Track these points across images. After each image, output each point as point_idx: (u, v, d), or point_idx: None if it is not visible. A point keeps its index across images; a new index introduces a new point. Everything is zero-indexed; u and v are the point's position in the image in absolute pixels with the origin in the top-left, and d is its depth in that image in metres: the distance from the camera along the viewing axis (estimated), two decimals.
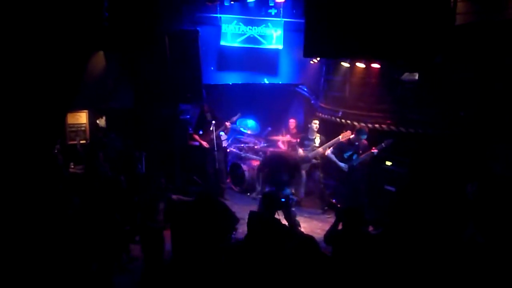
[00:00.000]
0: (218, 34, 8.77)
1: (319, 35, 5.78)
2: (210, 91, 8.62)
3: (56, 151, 6.20)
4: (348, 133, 6.81)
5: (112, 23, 6.04)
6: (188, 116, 8.46)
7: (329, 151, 6.97)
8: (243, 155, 9.09)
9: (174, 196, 5.22)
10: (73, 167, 6.87)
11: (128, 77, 7.62)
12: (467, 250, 4.29)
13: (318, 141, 7.36)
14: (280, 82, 9.56)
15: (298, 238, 3.76)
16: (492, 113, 5.69)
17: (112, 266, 5.08)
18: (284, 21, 8.87)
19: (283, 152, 8.16)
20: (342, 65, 7.78)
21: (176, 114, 7.95)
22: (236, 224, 4.78)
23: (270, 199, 4.54)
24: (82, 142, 7.39)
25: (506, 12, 5.49)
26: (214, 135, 7.62)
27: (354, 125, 6.98)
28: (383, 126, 6.84)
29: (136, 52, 7.21)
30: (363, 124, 6.81)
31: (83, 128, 7.59)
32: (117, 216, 5.14)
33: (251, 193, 8.56)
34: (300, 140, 7.68)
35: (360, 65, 7.19)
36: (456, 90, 6.05)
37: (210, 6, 8.37)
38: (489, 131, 5.62)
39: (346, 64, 7.64)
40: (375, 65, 6.88)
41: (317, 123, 7.46)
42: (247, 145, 9.32)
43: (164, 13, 7.19)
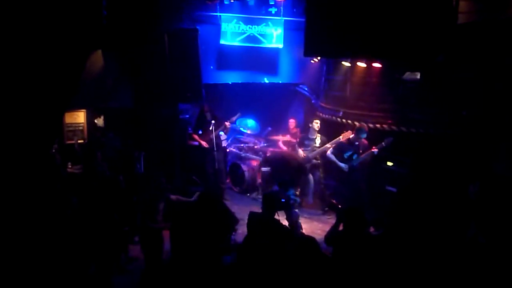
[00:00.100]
0: (217, 33, 8.75)
1: (320, 34, 5.74)
2: (209, 90, 8.56)
3: (54, 151, 6.16)
4: (349, 133, 6.77)
5: (111, 21, 6.00)
6: (187, 116, 8.44)
7: (329, 151, 6.93)
8: (243, 155, 9.04)
9: (173, 196, 5.20)
10: (70, 167, 6.83)
11: (127, 76, 7.58)
12: (469, 251, 4.26)
13: (318, 141, 7.29)
14: (280, 82, 9.54)
15: (298, 239, 3.74)
16: (494, 112, 5.66)
17: (111, 267, 5.07)
18: (285, 20, 8.86)
19: (286, 152, 8.12)
20: (342, 64, 7.76)
21: (175, 114, 7.92)
22: (235, 225, 4.77)
23: (270, 200, 4.53)
24: (80, 141, 7.33)
25: (508, 11, 5.46)
26: (214, 135, 7.58)
27: (355, 125, 6.93)
28: (384, 125, 6.81)
29: (135, 51, 7.16)
30: (363, 123, 6.78)
31: (81, 128, 7.54)
32: (115, 216, 5.11)
33: (251, 193, 8.53)
34: (300, 140, 7.61)
35: (361, 64, 7.16)
36: (458, 90, 6.03)
37: (209, 4, 8.35)
38: (491, 131, 5.60)
39: (347, 64, 7.61)
40: (376, 64, 6.85)
41: (318, 123, 7.37)
42: (247, 145, 9.26)
43: (164, 11, 7.15)
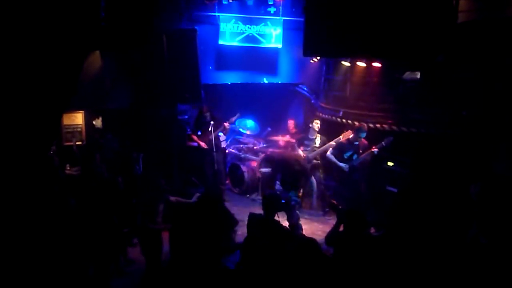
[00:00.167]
0: (216, 33, 8.72)
1: (319, 34, 5.70)
2: (208, 91, 8.53)
3: (52, 153, 6.13)
4: (349, 132, 6.73)
5: (109, 22, 5.96)
6: (186, 117, 8.40)
7: (329, 152, 6.89)
8: (243, 156, 8.99)
9: (172, 197, 5.16)
10: (69, 168, 6.78)
11: (125, 77, 7.54)
12: (470, 251, 4.24)
13: (318, 141, 7.25)
14: (280, 82, 9.51)
15: (299, 240, 3.72)
16: (494, 112, 5.64)
17: (110, 269, 5.05)
18: (284, 19, 8.83)
19: (288, 153, 8.06)
20: (342, 64, 7.74)
21: (174, 115, 7.88)
22: (235, 226, 4.73)
23: (270, 201, 4.50)
24: (78, 143, 7.30)
25: (508, 9, 5.44)
26: (213, 136, 7.53)
27: (355, 125, 6.91)
28: (384, 125, 6.79)
29: (134, 51, 7.13)
30: (362, 123, 6.74)
31: (79, 129, 7.51)
32: (114, 218, 5.08)
33: (250, 194, 8.49)
34: (299, 140, 7.55)
35: (361, 64, 7.14)
36: (458, 89, 6.02)
37: (208, 4, 8.32)
38: (492, 131, 5.59)
39: (347, 63, 7.59)
40: (376, 64, 6.83)
41: (318, 124, 7.29)
42: (246, 145, 9.21)
43: (162, 12, 7.12)
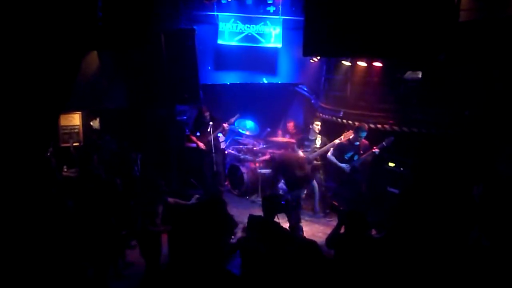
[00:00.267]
0: (215, 33, 8.66)
1: (319, 33, 5.64)
2: (207, 91, 8.48)
3: (49, 154, 6.09)
4: (350, 133, 6.68)
5: (107, 22, 5.91)
6: (185, 117, 8.35)
7: (329, 153, 6.83)
8: (242, 157, 8.93)
9: (170, 199, 5.11)
10: (66, 170, 6.75)
11: (123, 77, 7.50)
12: (472, 254, 4.19)
13: (319, 142, 7.17)
14: (279, 82, 9.46)
15: (299, 242, 3.67)
16: (497, 112, 5.60)
17: (108, 272, 5.02)
18: (283, 19, 8.78)
19: (290, 155, 8.00)
20: (343, 63, 7.69)
21: (172, 115, 7.84)
22: (235, 228, 4.67)
23: (270, 202, 4.46)
24: (75, 144, 7.27)
25: (510, 9, 5.40)
26: (212, 137, 7.47)
27: (356, 125, 6.84)
28: (385, 126, 6.74)
29: (131, 51, 7.07)
30: (363, 123, 6.69)
31: (76, 130, 7.47)
32: (112, 220, 5.02)
33: (250, 196, 8.43)
34: (299, 140, 7.47)
35: (362, 63, 7.10)
36: (460, 89, 5.99)
37: (207, 4, 8.27)
38: (494, 131, 5.55)
39: (347, 63, 7.55)
40: (377, 63, 6.78)
41: (319, 125, 7.16)
42: (245, 146, 9.15)
43: (160, 11, 7.07)
